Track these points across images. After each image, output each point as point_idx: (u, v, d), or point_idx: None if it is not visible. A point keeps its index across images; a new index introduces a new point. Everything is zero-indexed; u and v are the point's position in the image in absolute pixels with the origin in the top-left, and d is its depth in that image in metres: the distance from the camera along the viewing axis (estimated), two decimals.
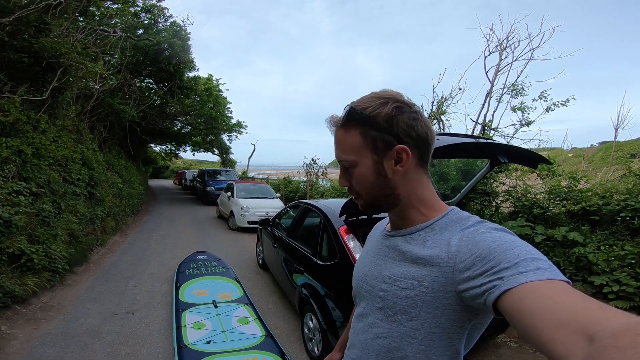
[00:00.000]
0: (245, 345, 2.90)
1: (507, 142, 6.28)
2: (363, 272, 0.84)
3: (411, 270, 0.69)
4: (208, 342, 2.92)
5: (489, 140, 2.32)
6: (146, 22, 10.78)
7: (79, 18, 7.45)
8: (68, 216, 5.09)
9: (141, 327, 3.45)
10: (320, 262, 3.01)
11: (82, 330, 3.33)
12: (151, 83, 13.65)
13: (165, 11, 10.90)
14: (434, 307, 0.65)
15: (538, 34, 6.81)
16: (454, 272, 0.62)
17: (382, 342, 0.74)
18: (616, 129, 7.51)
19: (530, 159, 2.41)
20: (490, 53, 7.25)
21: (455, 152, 2.14)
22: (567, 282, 0.50)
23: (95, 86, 7.43)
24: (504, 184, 5.25)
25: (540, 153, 2.80)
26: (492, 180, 5.23)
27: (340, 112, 0.76)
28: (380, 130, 0.70)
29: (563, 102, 6.19)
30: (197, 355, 2.73)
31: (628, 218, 3.79)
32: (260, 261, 5.56)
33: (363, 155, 0.72)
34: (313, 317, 2.93)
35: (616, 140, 8.02)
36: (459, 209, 0.75)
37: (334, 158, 0.80)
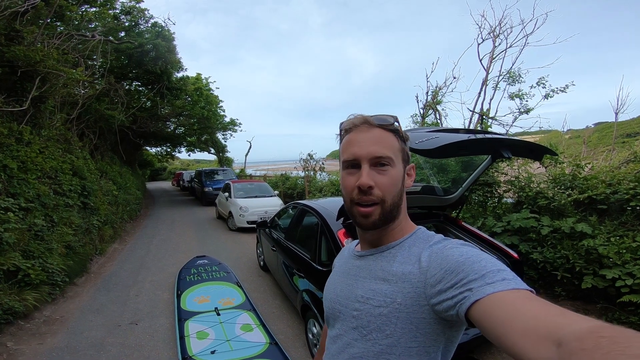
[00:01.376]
0: (250, 355, 2.84)
1: (507, 131, 6.18)
2: (334, 293, 0.84)
3: (383, 287, 0.71)
4: (212, 352, 2.87)
5: (491, 135, 2.22)
6: (127, 24, 10.59)
7: (57, 23, 7.26)
8: (62, 228, 5.00)
9: (145, 338, 3.41)
10: (320, 268, 2.94)
11: (87, 344, 3.32)
12: (139, 86, 13.48)
13: (146, 12, 10.71)
14: (408, 322, 0.66)
15: (531, 20, 6.70)
16: (426, 286, 0.64)
17: None
18: (616, 113, 7.46)
19: (534, 150, 2.33)
20: (483, 40, 7.16)
21: (456, 150, 2.04)
22: (531, 290, 0.53)
23: (80, 92, 7.26)
24: (506, 174, 5.16)
25: (537, 136, 2.72)
26: (494, 171, 5.14)
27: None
28: (406, 145, 0.78)
29: (562, 89, 6.10)
30: None
31: (638, 207, 3.67)
32: (261, 263, 5.50)
33: (398, 160, 0.75)
34: (316, 324, 2.87)
35: (617, 122, 7.97)
36: (425, 228, 0.80)
37: (332, 150, 0.74)
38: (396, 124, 0.76)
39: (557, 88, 6.07)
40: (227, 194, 10.08)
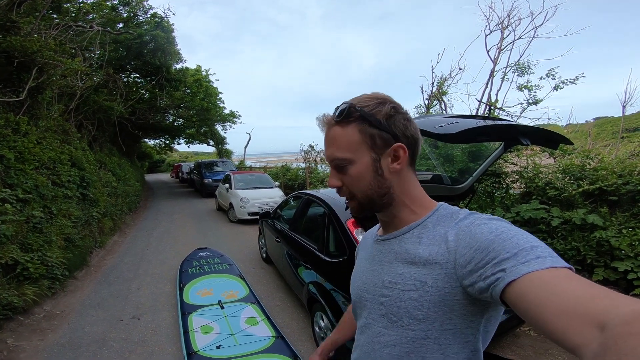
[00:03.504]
0: (256, 349, 2.79)
1: (516, 122, 6.11)
2: (361, 281, 0.82)
3: (411, 271, 0.68)
4: (218, 347, 2.82)
5: (509, 122, 2.14)
6: (125, 15, 10.41)
7: (54, 15, 7.11)
8: (61, 220, 4.91)
9: (148, 333, 3.35)
10: (328, 259, 2.86)
11: (89, 339, 3.25)
12: (138, 77, 13.35)
13: (145, 3, 10.52)
14: (441, 305, 0.64)
15: (540, 12, 6.60)
16: (456, 267, 0.61)
17: (391, 351, 0.71)
18: (624, 106, 7.41)
19: (551, 139, 2.25)
20: (491, 32, 7.09)
21: (475, 136, 1.96)
22: (570, 268, 0.50)
23: (78, 84, 7.13)
24: (515, 164, 5.10)
25: None
26: (502, 161, 5.06)
27: (330, 108, 0.75)
28: (379, 127, 0.70)
29: (572, 80, 6.02)
30: None
31: None
32: (264, 254, 5.44)
33: (361, 153, 0.71)
34: (324, 317, 2.80)
35: (624, 115, 7.93)
36: (447, 204, 0.75)
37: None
38: (352, 111, 0.70)
39: (567, 79, 6.01)
40: (227, 185, 9.99)
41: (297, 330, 3.35)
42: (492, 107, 6.51)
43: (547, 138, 2.29)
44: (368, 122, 0.70)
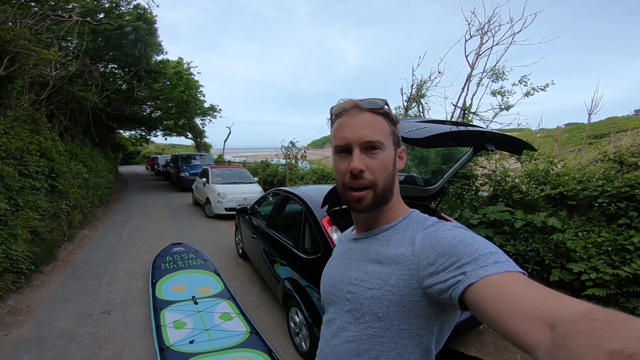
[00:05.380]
0: (230, 344, 2.81)
1: (487, 126, 6.35)
2: (330, 277, 0.85)
3: (377, 269, 0.71)
4: (191, 342, 2.82)
5: (477, 129, 2.26)
6: (107, 5, 10.03)
7: (31, 3, 6.78)
8: (28, 213, 4.72)
9: (119, 328, 3.30)
10: (304, 256, 2.92)
11: (56, 334, 3.17)
12: (116, 68, 12.90)
13: None
14: (400, 304, 0.66)
15: (520, 19, 6.86)
16: (419, 268, 0.64)
17: (351, 347, 0.74)
18: (590, 113, 7.82)
19: (516, 145, 2.39)
20: (471, 37, 7.27)
21: (444, 141, 2.07)
22: (523, 272, 0.53)
23: (51, 73, 6.84)
24: (484, 167, 5.31)
25: (512, 133, 2.78)
26: (472, 164, 5.27)
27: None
28: (397, 128, 0.78)
29: (542, 87, 6.31)
30: (181, 357, 2.63)
31: (605, 204, 3.84)
32: (240, 250, 5.43)
33: (389, 142, 0.75)
34: (299, 312, 2.87)
35: (589, 122, 8.36)
36: (419, 211, 0.79)
37: (313, 139, 0.71)
38: (386, 107, 0.76)
39: (537, 86, 6.28)
40: (204, 179, 9.85)
41: (273, 326, 3.40)
42: (466, 112, 6.74)
43: (512, 144, 2.43)
44: (390, 120, 0.76)
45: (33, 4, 6.99)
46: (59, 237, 5.63)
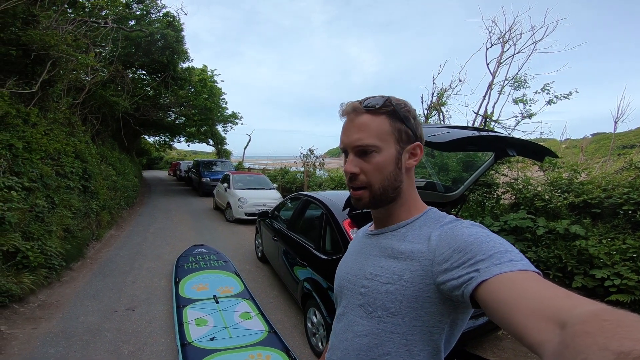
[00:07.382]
0: (249, 342, 2.88)
1: (509, 134, 6.26)
2: (345, 272, 0.85)
3: (392, 264, 0.72)
4: (211, 339, 2.89)
5: (498, 134, 2.28)
6: (138, 13, 10.57)
7: (68, 10, 7.24)
8: (62, 211, 4.98)
9: (142, 325, 3.41)
10: (324, 257, 2.98)
11: (82, 329, 3.27)
12: (144, 74, 13.41)
13: (158, 1, 10.70)
14: (413, 300, 0.67)
15: (541, 27, 6.76)
16: (433, 264, 0.64)
17: (362, 341, 0.74)
18: (615, 122, 7.57)
19: (537, 151, 2.38)
20: (492, 45, 7.22)
21: (465, 145, 2.09)
22: (538, 272, 0.53)
23: (87, 78, 7.24)
24: (506, 175, 5.24)
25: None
26: (493, 172, 5.20)
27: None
28: (407, 124, 0.75)
29: (566, 95, 6.18)
30: (202, 353, 2.70)
31: (630, 212, 3.76)
32: (259, 254, 5.53)
33: (387, 143, 0.74)
34: (317, 312, 2.91)
35: (615, 132, 8.08)
36: (436, 209, 0.79)
37: (330, 148, 0.76)
38: (387, 105, 0.74)
39: (560, 94, 6.16)
40: (225, 185, 10.07)
41: (290, 326, 3.45)
42: (487, 119, 6.66)
43: (534, 150, 2.42)
44: (398, 116, 0.74)
45: (70, 10, 7.41)
46: (88, 235, 5.88)
